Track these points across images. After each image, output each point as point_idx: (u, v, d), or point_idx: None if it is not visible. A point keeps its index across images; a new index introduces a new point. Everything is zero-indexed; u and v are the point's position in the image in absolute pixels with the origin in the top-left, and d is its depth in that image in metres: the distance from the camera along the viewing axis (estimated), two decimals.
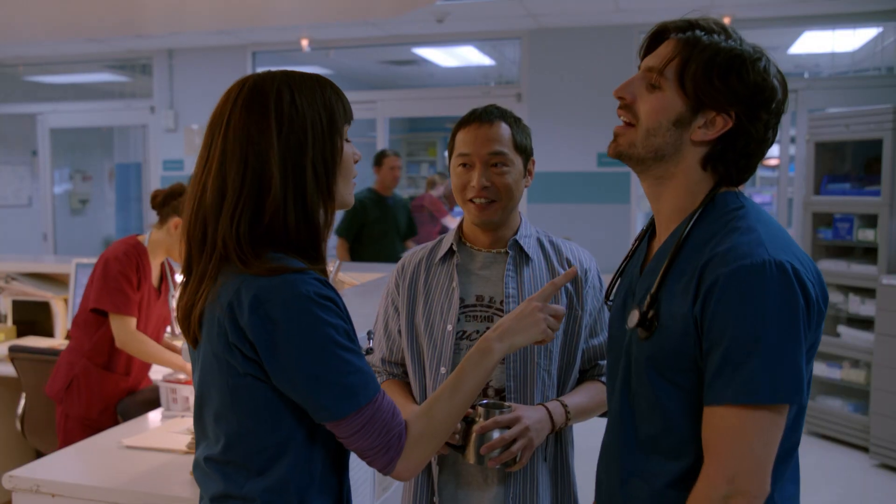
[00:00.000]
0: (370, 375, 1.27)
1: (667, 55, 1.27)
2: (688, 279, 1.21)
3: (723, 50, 1.25)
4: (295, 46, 7.15)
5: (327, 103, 1.30)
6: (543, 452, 1.76)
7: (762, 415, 1.13)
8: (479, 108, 1.81)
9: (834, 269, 5.04)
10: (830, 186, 5.16)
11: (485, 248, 1.83)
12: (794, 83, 6.45)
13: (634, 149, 1.28)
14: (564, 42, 6.51)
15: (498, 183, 1.75)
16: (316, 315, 1.21)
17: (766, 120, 1.26)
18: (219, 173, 1.27)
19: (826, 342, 5.07)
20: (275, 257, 1.25)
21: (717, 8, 5.81)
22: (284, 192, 1.25)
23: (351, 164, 1.35)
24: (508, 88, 6.96)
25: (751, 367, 1.13)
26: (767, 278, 1.14)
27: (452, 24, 6.43)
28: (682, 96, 1.25)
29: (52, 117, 8.26)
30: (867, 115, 4.86)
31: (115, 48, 7.58)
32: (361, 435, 1.24)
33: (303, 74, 1.32)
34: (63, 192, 9.16)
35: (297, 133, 1.26)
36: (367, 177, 5.66)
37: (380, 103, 7.25)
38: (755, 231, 1.20)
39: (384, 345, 1.91)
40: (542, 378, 1.74)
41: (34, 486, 2.12)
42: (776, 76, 1.28)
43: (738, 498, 1.14)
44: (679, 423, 1.23)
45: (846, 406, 5.00)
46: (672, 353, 1.22)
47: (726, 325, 1.15)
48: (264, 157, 1.25)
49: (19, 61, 8.16)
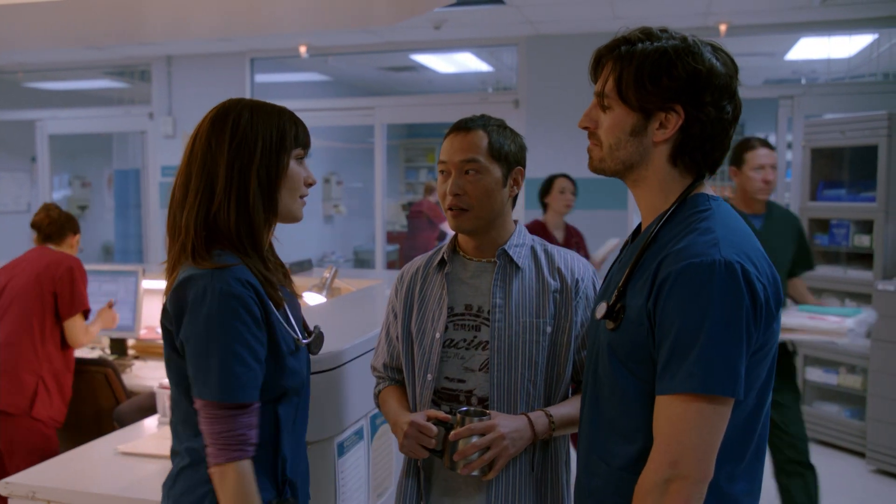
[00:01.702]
0: (256, 381, 1.47)
1: (605, 76, 1.38)
2: (647, 275, 1.29)
3: (648, 55, 1.33)
4: (293, 53, 7.16)
5: (280, 126, 1.55)
6: (530, 462, 1.75)
7: (701, 405, 1.20)
8: (465, 118, 1.82)
9: (830, 274, 5.06)
10: (826, 192, 5.18)
11: (475, 256, 1.84)
12: (790, 89, 6.47)
13: (605, 163, 1.39)
14: (562, 49, 6.52)
15: (470, 190, 1.76)
16: (219, 308, 1.42)
17: (714, 101, 1.32)
18: (185, 173, 1.55)
19: (823, 348, 5.08)
20: (218, 254, 1.49)
21: (714, 15, 5.83)
22: (228, 193, 1.50)
23: (298, 181, 1.59)
24: (506, 95, 6.98)
25: (691, 359, 1.20)
26: (715, 276, 1.21)
27: (450, 31, 6.45)
28: (629, 109, 1.33)
29: (51, 123, 8.27)
30: (862, 121, 4.88)
31: (113, 55, 7.60)
32: (218, 423, 1.44)
33: (268, 104, 1.58)
34: (62, 198, 9.17)
35: (248, 146, 1.51)
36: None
37: (378, 109, 7.26)
38: (712, 232, 1.27)
39: (385, 350, 1.93)
40: (525, 388, 1.74)
41: (30, 493, 2.13)
42: (714, 56, 1.34)
43: (679, 481, 1.21)
44: (634, 409, 1.31)
45: (843, 412, 5.01)
46: (630, 343, 1.30)
47: (674, 319, 1.22)
48: (216, 162, 1.51)
49: (19, 68, 8.17)
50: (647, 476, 1.24)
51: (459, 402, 1.77)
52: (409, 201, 10.05)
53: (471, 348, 1.78)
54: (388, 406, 1.86)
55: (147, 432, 2.65)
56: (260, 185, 1.52)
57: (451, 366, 1.79)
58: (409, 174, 11.85)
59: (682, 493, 1.20)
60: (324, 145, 9.85)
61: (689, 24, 6.06)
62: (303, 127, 1.60)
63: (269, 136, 1.53)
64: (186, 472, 1.53)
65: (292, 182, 1.57)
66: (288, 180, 1.56)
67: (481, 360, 1.76)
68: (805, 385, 5.22)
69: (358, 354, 2.05)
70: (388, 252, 7.81)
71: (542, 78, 6.61)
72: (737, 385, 1.21)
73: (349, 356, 1.99)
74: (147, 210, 7.95)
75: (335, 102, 8.09)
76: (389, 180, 8.70)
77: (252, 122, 1.53)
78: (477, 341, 1.77)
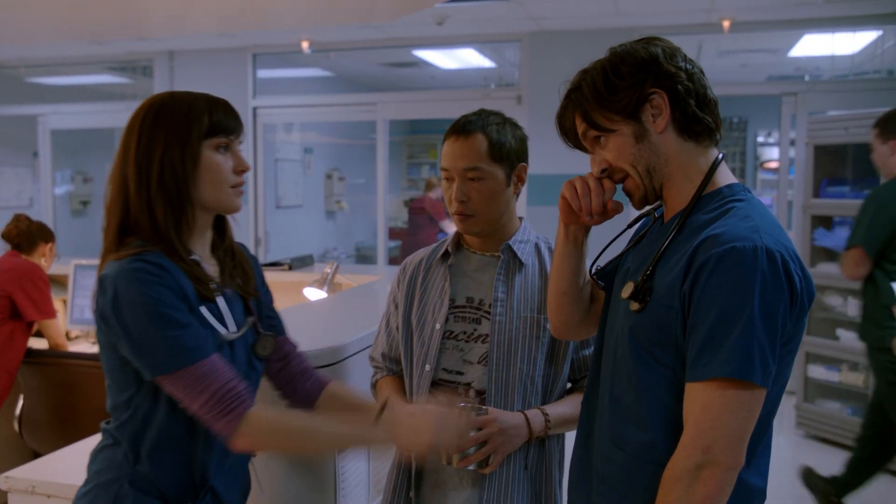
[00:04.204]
0: (201, 339, 1.44)
1: (574, 126, 1.43)
2: (680, 257, 1.27)
3: (592, 81, 1.37)
4: (295, 48, 7.15)
5: (190, 117, 1.50)
6: (524, 459, 1.75)
7: (737, 391, 1.19)
8: (463, 118, 1.80)
9: (833, 272, 5.04)
10: (829, 189, 5.16)
11: (479, 250, 1.85)
12: (794, 86, 6.45)
13: (643, 188, 1.38)
14: (564, 45, 6.51)
15: (475, 197, 1.76)
16: (139, 287, 1.41)
17: (674, 64, 1.34)
18: (111, 171, 1.56)
19: (825, 345, 5.07)
20: (132, 244, 1.48)
21: (717, 12, 5.81)
22: (137, 188, 1.50)
23: (219, 171, 1.52)
24: (508, 91, 6.96)
25: (729, 344, 1.18)
26: (759, 263, 1.19)
27: (452, 27, 6.43)
28: (617, 126, 1.35)
29: (53, 119, 8.26)
30: (866, 118, 4.85)
31: (116, 50, 7.59)
32: (193, 393, 1.41)
33: (185, 94, 1.54)
34: (64, 194, 9.16)
35: (153, 141, 1.49)
36: None
37: (380, 105, 7.25)
38: (752, 219, 1.26)
39: (384, 340, 1.94)
40: (523, 384, 1.74)
41: (30, 487, 2.12)
42: (646, 45, 1.37)
43: (711, 467, 1.19)
44: (649, 396, 1.30)
45: (845, 409, 5.00)
46: (656, 326, 1.29)
47: (713, 302, 1.21)
48: (127, 160, 1.51)
49: (21, 63, 8.17)
50: (678, 462, 1.22)
51: (457, 394, 1.77)
52: (410, 197, 10.04)
53: (470, 341, 1.78)
54: (383, 396, 1.86)
55: None
56: (163, 180, 1.48)
57: (449, 357, 1.79)
58: (412, 170, 11.84)
59: (713, 479, 1.19)
60: (326, 141, 9.85)
61: (692, 20, 6.05)
62: (224, 113, 1.54)
63: (175, 128, 1.49)
64: (106, 451, 1.55)
65: (212, 173, 1.51)
66: (205, 171, 1.50)
67: (480, 353, 1.77)
68: (807, 382, 5.21)
69: (357, 350, 2.04)
70: (389, 248, 7.81)
71: (545, 74, 6.59)
72: (767, 376, 1.20)
73: (349, 352, 1.99)
74: None
75: (337, 98, 8.09)
76: (392, 176, 8.69)
77: (159, 116, 1.50)
78: (477, 334, 1.78)
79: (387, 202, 7.43)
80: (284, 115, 7.94)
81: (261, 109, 7.44)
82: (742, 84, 8.26)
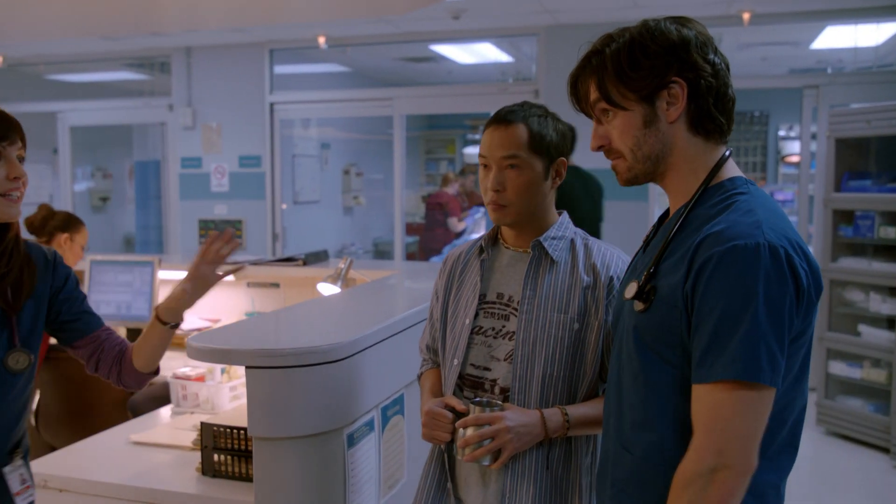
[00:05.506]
0: None
1: (586, 92, 1.39)
2: (681, 255, 1.25)
3: (617, 51, 1.34)
4: (312, 44, 7.15)
5: None
6: (545, 459, 1.72)
7: (745, 392, 1.17)
8: (505, 108, 1.79)
9: (854, 266, 4.97)
10: (851, 183, 5.08)
11: (513, 245, 1.84)
12: (815, 79, 6.36)
13: (634, 170, 1.36)
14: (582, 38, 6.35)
15: (511, 186, 1.74)
16: None
17: (702, 56, 1.31)
18: None
19: (846, 341, 5.00)
20: None
21: (737, 3, 5.74)
22: None
23: None
24: (526, 85, 6.92)
25: (733, 345, 1.16)
26: (761, 260, 1.17)
27: (469, 21, 6.40)
28: (630, 105, 1.33)
29: (72, 115, 8.33)
30: (889, 110, 4.78)
31: (133, 47, 7.62)
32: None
33: None
34: (84, 190, 9.23)
35: None
36: None
37: (396, 100, 7.23)
38: (755, 214, 1.23)
39: (428, 332, 1.98)
40: (546, 384, 1.72)
41: (42, 481, 2.13)
42: (679, 26, 1.34)
43: (725, 471, 1.17)
44: (654, 397, 1.28)
45: (867, 406, 4.93)
46: (660, 326, 1.27)
47: (716, 302, 1.18)
48: None
49: (40, 60, 8.23)
50: (689, 466, 1.20)
51: (484, 390, 1.77)
52: (428, 193, 10.02)
53: (498, 337, 1.77)
54: (422, 390, 1.92)
55: (161, 422, 2.64)
56: None
57: (477, 353, 1.79)
58: (430, 166, 11.81)
59: (727, 483, 1.17)
60: (343, 136, 9.85)
61: (711, 12, 5.97)
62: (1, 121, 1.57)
63: None
64: None
65: None
66: None
67: (507, 350, 1.76)
68: (828, 379, 5.14)
69: (369, 345, 2.02)
70: (407, 244, 7.79)
71: (562, 68, 6.52)
72: (776, 375, 1.18)
73: (359, 346, 1.97)
74: (167, 201, 7.99)
75: (354, 93, 8.08)
76: (409, 172, 8.68)
77: None
78: (505, 331, 1.77)
79: (404, 198, 7.42)
80: (301, 111, 7.94)
81: (278, 105, 7.44)
82: (763, 77, 8.16)
